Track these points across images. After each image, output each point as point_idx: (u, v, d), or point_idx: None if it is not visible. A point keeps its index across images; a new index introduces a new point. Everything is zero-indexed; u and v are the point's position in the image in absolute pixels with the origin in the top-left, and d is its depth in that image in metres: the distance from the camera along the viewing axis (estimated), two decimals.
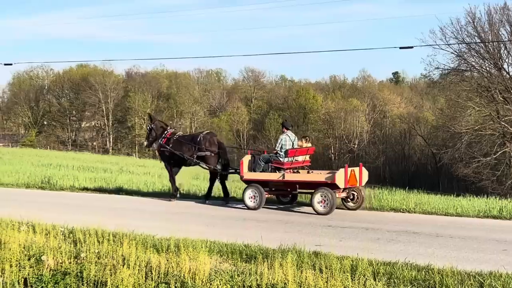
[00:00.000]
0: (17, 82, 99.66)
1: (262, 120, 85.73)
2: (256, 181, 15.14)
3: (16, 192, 19.82)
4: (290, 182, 14.85)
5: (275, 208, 15.15)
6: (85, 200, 17.50)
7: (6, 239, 9.31)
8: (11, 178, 24.33)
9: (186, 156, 16.52)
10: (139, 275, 7.24)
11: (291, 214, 14.30)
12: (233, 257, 8.82)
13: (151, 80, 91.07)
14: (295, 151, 15.16)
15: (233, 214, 14.36)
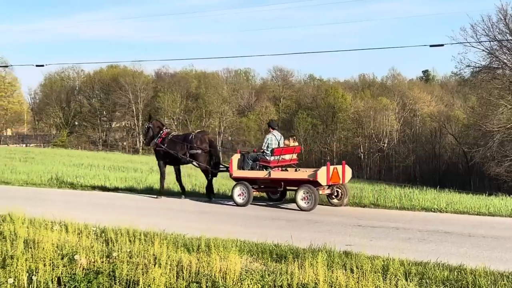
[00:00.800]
0: (49, 83, 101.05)
1: (291, 120, 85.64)
2: (245, 178, 15.70)
3: (49, 192, 20.09)
4: (276, 179, 15.42)
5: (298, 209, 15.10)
6: (116, 199, 17.66)
7: (39, 239, 9.43)
8: (43, 178, 24.68)
9: (179, 154, 17.16)
10: (171, 275, 7.28)
11: (321, 214, 14.25)
12: (263, 257, 8.82)
13: (180, 80, 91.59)
14: (281, 150, 15.80)
15: (263, 213, 14.37)
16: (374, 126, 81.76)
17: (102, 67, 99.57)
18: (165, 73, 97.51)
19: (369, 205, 15.64)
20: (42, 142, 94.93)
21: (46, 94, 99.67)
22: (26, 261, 7.63)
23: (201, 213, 14.71)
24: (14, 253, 8.30)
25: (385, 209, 15.24)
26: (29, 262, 7.70)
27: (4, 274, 7.22)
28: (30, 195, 18.94)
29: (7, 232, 10.15)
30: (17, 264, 7.43)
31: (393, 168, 79.34)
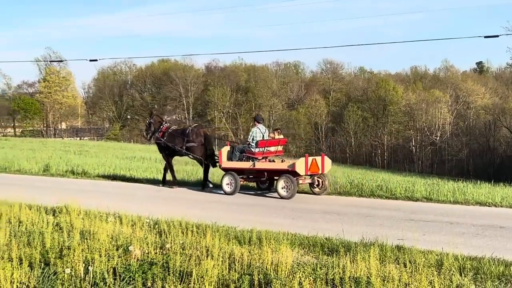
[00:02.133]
0: (102, 78, 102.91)
1: (341, 113, 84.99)
2: (232, 169, 16.86)
3: (103, 184, 20.50)
4: (259, 169, 16.55)
5: (348, 203, 15.01)
6: (168, 192, 17.89)
7: (94, 230, 9.65)
8: (97, 170, 25.18)
9: (177, 147, 18.41)
10: (223, 266, 7.34)
11: (373, 208, 14.14)
12: (315, 250, 8.82)
13: (230, 73, 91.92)
14: (266, 142, 16.96)
15: (314, 207, 14.34)
16: (426, 119, 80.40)
17: (153, 61, 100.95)
18: (215, 67, 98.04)
19: (421, 199, 15.44)
20: (95, 135, 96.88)
21: (99, 88, 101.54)
22: (83, 252, 7.81)
23: (249, 205, 14.77)
24: (70, 243, 8.51)
25: (438, 203, 15.01)
26: (85, 252, 7.88)
27: (62, 264, 7.40)
28: (85, 187, 19.37)
29: (63, 223, 10.43)
30: (74, 255, 7.61)
31: (445, 161, 77.92)
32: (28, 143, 60.56)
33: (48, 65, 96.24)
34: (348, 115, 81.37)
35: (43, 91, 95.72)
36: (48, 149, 47.88)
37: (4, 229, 9.25)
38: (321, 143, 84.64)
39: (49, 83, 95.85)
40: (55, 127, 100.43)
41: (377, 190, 16.60)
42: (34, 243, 8.50)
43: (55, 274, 7.13)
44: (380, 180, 22.29)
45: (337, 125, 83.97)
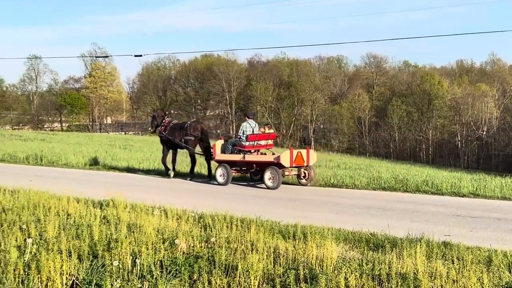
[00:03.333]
0: (146, 73, 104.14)
1: (385, 107, 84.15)
2: (225, 161, 17.97)
3: (147, 178, 20.74)
4: (249, 162, 17.62)
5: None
6: (211, 186, 17.99)
7: (141, 223, 9.78)
8: (142, 164, 25.50)
9: (176, 140, 19.56)
10: (268, 261, 7.36)
11: (418, 203, 13.96)
12: (360, 246, 8.77)
13: (272, 68, 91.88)
14: (255, 136, 17.98)
15: (358, 202, 14.24)
16: (472, 113, 78.97)
17: (197, 56, 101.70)
18: (257, 62, 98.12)
19: (468, 195, 15.19)
20: (140, 130, 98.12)
21: (143, 83, 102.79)
22: (130, 245, 7.92)
23: (293, 200, 14.74)
24: (118, 236, 8.64)
25: (485, 199, 14.74)
26: (132, 245, 8.00)
27: (109, 257, 7.53)
28: (131, 181, 19.64)
29: (110, 216, 10.59)
30: (121, 247, 7.73)
31: (492, 156, 76.40)
32: (75, 138, 61.78)
33: (94, 60, 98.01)
34: (392, 110, 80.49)
35: (89, 86, 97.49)
36: (94, 144, 48.72)
37: (53, 222, 9.45)
38: (364, 138, 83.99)
39: (95, 78, 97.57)
40: (101, 121, 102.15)
41: (422, 186, 16.39)
42: (82, 236, 8.66)
43: (103, 266, 7.25)
44: (425, 175, 22.06)
45: (381, 120, 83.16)
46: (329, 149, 78.11)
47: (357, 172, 24.16)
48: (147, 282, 6.62)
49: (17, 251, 7.71)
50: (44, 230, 9.14)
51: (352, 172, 23.08)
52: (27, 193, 13.15)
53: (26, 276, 6.98)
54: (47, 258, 7.01)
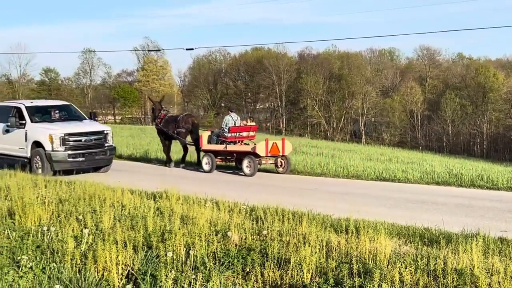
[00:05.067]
0: (197, 66, 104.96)
1: (438, 100, 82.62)
2: (210, 151, 19.83)
3: (196, 171, 20.91)
4: (230, 151, 19.51)
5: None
6: (263, 179, 18.03)
7: (193, 215, 9.88)
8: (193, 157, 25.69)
9: (170, 132, 21.12)
10: (320, 254, 7.34)
11: (473, 198, 13.69)
12: (414, 241, 8.66)
13: (323, 61, 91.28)
14: (237, 128, 19.84)
15: (411, 197, 14.06)
16: None
17: (247, 49, 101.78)
18: (308, 55, 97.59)
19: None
20: None
21: (194, 76, 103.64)
22: (183, 236, 8.02)
23: (343, 194, 14.66)
24: (171, 228, 8.75)
25: None
26: (186, 237, 8.09)
27: (163, 248, 7.63)
28: (183, 173, 19.86)
29: (164, 208, 10.74)
30: (175, 239, 7.83)
31: None
32: (128, 130, 62.85)
33: (146, 54, 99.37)
34: (445, 103, 78.94)
35: (141, 80, 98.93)
36: (147, 136, 49.40)
37: (109, 213, 9.63)
38: (417, 131, 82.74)
39: (147, 72, 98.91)
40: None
41: (477, 180, 16.07)
42: (137, 227, 8.81)
43: (157, 257, 7.36)
44: (480, 169, 21.61)
45: (434, 113, 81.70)
46: (380, 142, 77.15)
47: (410, 166, 23.83)
48: (201, 274, 6.68)
49: (74, 241, 7.89)
50: (100, 221, 9.33)
51: (405, 166, 22.78)
52: (83, 185, 13.45)
53: (83, 265, 7.15)
54: (103, 249, 7.15)
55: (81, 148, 18.12)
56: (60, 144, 17.74)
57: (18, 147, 18.76)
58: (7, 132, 19.13)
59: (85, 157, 18.16)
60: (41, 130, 18.18)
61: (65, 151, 17.80)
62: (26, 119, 18.58)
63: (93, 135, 18.54)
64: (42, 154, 17.89)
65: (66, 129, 18.10)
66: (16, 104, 19.77)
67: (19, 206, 10.01)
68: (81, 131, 18.40)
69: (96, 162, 18.81)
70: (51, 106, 20.57)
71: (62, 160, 17.77)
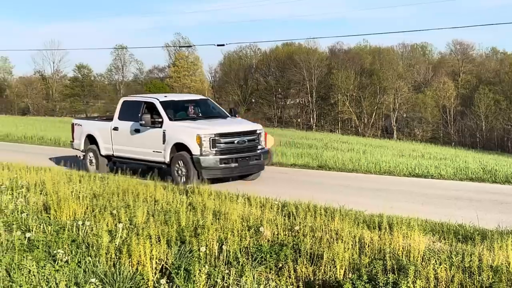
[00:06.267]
0: (228, 62, 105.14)
1: (471, 95, 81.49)
2: None
3: None
4: None
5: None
6: (293, 175, 18.03)
7: (225, 210, 9.93)
8: None
9: None
10: (353, 251, 7.32)
11: (508, 195, 13.50)
12: (447, 237, 8.58)
13: (354, 56, 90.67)
14: None
15: (444, 193, 13.92)
16: None
17: (278, 45, 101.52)
18: (339, 50, 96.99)
19: None
20: None
21: (225, 72, 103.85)
22: (216, 231, 8.07)
23: (375, 190, 14.55)
24: (204, 223, 8.81)
25: None
26: (218, 232, 8.14)
27: (196, 243, 7.69)
28: None
29: (196, 203, 10.81)
30: (208, 234, 7.88)
31: None
32: None
33: (177, 50, 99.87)
34: (478, 98, 77.83)
35: (172, 76, 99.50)
36: None
37: (142, 208, 9.73)
38: (449, 127, 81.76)
39: (178, 68, 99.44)
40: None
41: None
42: (170, 222, 8.88)
43: (190, 252, 7.42)
44: None
45: (467, 109, 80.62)
46: (412, 138, 76.43)
47: (443, 162, 23.58)
48: (234, 269, 6.71)
49: (108, 235, 7.99)
50: (133, 216, 9.43)
51: (437, 162, 22.56)
52: (116, 180, 13.59)
53: (117, 260, 7.24)
54: (137, 243, 7.23)
55: (233, 151, 15.07)
56: (210, 146, 14.66)
57: (153, 150, 15.74)
58: (137, 132, 16.20)
59: (238, 163, 15.07)
60: (185, 129, 15.20)
61: (216, 156, 14.72)
62: (163, 117, 15.57)
63: (245, 136, 15.47)
64: (186, 159, 14.84)
65: (216, 129, 15.08)
66: (146, 99, 16.79)
67: (54, 201, 10.17)
68: (233, 130, 15.40)
69: (249, 169, 15.68)
70: (188, 100, 17.78)
71: (212, 167, 14.67)
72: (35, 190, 12.11)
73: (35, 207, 10.48)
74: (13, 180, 13.32)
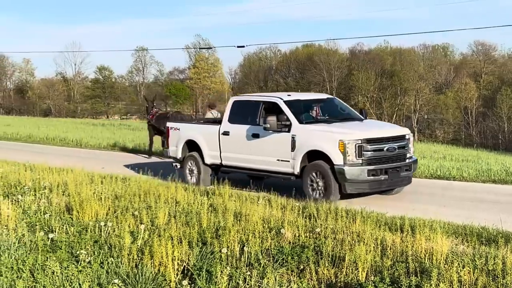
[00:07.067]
0: (248, 63, 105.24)
1: (493, 97, 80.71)
2: None
3: None
4: None
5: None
6: None
7: (246, 212, 9.93)
8: None
9: (161, 128, 21.49)
10: (375, 253, 7.29)
11: None
12: (470, 240, 8.51)
13: (374, 57, 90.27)
14: None
15: (466, 195, 13.79)
16: None
17: (297, 46, 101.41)
18: (359, 51, 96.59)
19: None
20: None
21: (245, 73, 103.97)
22: (237, 233, 8.08)
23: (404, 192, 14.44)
24: (225, 224, 8.82)
25: None
26: (239, 233, 8.15)
27: (218, 244, 7.71)
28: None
29: (217, 204, 10.83)
30: (229, 235, 7.89)
31: None
32: None
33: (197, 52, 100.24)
34: (501, 99, 77.04)
35: (192, 77, 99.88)
36: None
37: (163, 209, 9.77)
38: (471, 128, 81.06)
39: (198, 69, 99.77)
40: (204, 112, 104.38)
41: None
42: (191, 223, 8.91)
43: (212, 253, 7.44)
44: None
45: (489, 110, 79.86)
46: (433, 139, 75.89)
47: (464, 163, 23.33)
48: (255, 270, 6.72)
49: (130, 236, 8.04)
50: (155, 217, 9.47)
51: (459, 164, 22.32)
52: (138, 181, 13.65)
53: (139, 260, 7.28)
54: (159, 244, 7.26)
55: (383, 161, 12.64)
56: (356, 155, 12.24)
57: (277, 159, 13.47)
58: (255, 137, 13.89)
59: (388, 174, 12.65)
60: (323, 134, 12.81)
61: (363, 166, 12.33)
62: (291, 119, 13.24)
63: (395, 142, 12.94)
64: (325, 169, 12.50)
65: (362, 133, 12.63)
66: (266, 98, 14.68)
67: (77, 202, 10.25)
68: (382, 135, 12.93)
69: (398, 182, 13.25)
70: (315, 100, 15.29)
71: (359, 179, 12.32)
72: (57, 191, 12.20)
73: (57, 208, 10.57)
74: (36, 181, 13.45)
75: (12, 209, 10.04)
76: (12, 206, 10.29)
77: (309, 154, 12.82)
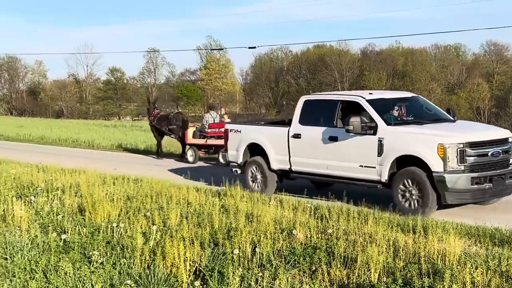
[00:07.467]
0: (259, 64, 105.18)
1: (506, 97, 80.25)
2: (194, 144, 22.04)
3: None
4: (209, 145, 21.71)
5: None
6: None
7: (258, 213, 9.93)
8: None
9: (163, 128, 23.16)
10: (387, 254, 7.26)
11: None
12: (483, 241, 8.46)
13: (386, 58, 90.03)
14: (216, 124, 21.74)
15: None
16: None
17: (309, 47, 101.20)
18: (371, 51, 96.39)
19: None
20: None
21: (256, 75, 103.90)
22: (249, 234, 8.08)
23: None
24: (237, 225, 8.83)
25: None
26: (251, 234, 8.15)
27: (230, 245, 7.71)
28: None
29: (229, 205, 10.83)
30: (241, 236, 7.89)
31: None
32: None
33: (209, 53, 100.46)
34: None
35: (204, 79, 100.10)
36: None
37: (175, 210, 9.79)
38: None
39: (210, 70, 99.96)
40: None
41: None
42: (203, 224, 8.92)
43: (223, 254, 7.44)
44: None
45: (501, 110, 79.42)
46: None
47: None
48: (267, 271, 6.71)
49: (142, 237, 8.06)
50: (167, 218, 9.49)
51: None
52: (150, 182, 13.68)
53: (151, 261, 7.29)
54: (171, 245, 7.28)
55: (486, 167, 11.08)
56: (458, 161, 10.77)
57: (359, 165, 11.99)
58: (333, 140, 12.46)
59: (492, 183, 11.04)
60: (418, 137, 11.33)
61: (465, 173, 10.84)
62: (377, 120, 11.76)
63: (499, 146, 11.35)
64: (420, 177, 11.04)
65: (463, 136, 11.14)
66: (344, 97, 13.13)
67: (89, 203, 10.29)
68: (485, 139, 11.34)
69: (503, 191, 11.57)
70: (399, 98, 13.78)
71: (461, 189, 10.84)
72: (70, 192, 12.25)
73: (70, 209, 10.62)
74: (48, 182, 13.51)
75: (25, 210, 10.11)
76: (25, 207, 10.36)
77: (399, 160, 11.42)
